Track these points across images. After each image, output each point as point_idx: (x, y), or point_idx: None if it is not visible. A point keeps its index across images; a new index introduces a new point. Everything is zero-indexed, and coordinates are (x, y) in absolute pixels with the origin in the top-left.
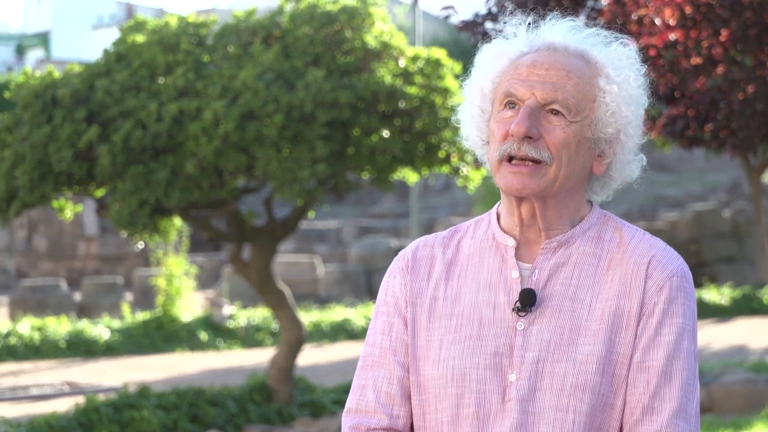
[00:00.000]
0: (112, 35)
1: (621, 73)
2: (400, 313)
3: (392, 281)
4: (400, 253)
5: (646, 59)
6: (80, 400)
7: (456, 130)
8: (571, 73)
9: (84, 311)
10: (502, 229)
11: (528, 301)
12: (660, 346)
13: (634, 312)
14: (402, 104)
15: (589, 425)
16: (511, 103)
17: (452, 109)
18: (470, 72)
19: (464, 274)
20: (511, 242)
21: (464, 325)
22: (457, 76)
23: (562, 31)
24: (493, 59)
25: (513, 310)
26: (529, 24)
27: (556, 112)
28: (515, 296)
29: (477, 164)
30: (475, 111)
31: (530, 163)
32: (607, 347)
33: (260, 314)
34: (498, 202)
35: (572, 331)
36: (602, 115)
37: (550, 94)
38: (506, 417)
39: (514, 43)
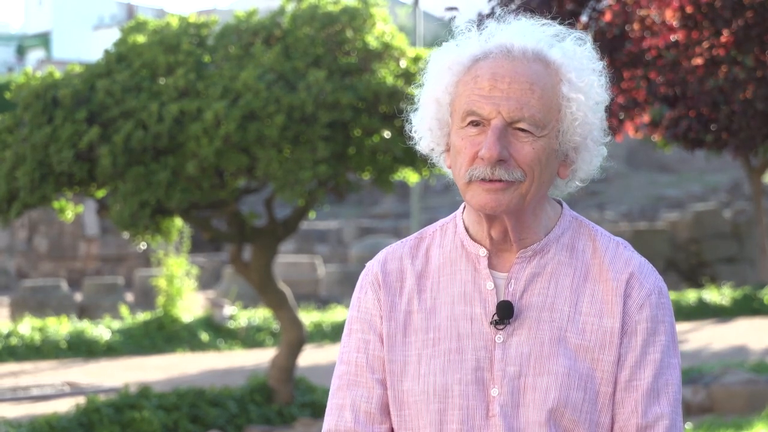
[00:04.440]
0: (112, 36)
1: (584, 77)
2: (375, 330)
3: (364, 297)
4: (367, 266)
5: (647, 60)
6: (81, 400)
7: None
8: (534, 85)
9: (85, 312)
10: (470, 236)
11: (506, 313)
12: (647, 364)
13: (617, 330)
14: (403, 105)
15: None
16: (475, 121)
17: None
18: (422, 81)
19: (437, 286)
20: (483, 252)
21: (442, 339)
22: None
23: (514, 30)
24: (446, 67)
25: (491, 323)
26: (480, 25)
27: (523, 129)
28: (492, 308)
29: None
30: (432, 124)
31: (503, 181)
32: (589, 365)
33: (261, 315)
34: (462, 206)
35: (551, 342)
36: (569, 125)
37: (516, 112)
38: None
39: (467, 47)
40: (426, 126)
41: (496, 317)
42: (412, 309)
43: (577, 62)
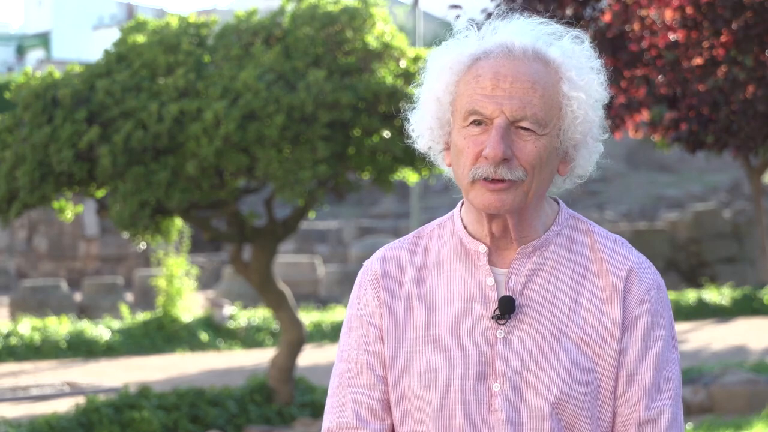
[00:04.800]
0: (112, 35)
1: (583, 76)
2: (375, 327)
3: (363, 294)
4: (365, 264)
5: (647, 60)
6: (81, 400)
7: None
8: (536, 84)
9: (84, 311)
10: (469, 234)
11: (507, 308)
12: (649, 358)
13: (617, 325)
14: (403, 104)
15: None
16: (477, 121)
17: None
18: (422, 80)
19: (436, 283)
20: (483, 249)
21: (443, 335)
22: None
23: (513, 29)
24: (447, 67)
25: (492, 318)
26: (479, 24)
27: (525, 128)
28: (492, 304)
29: None
30: (433, 123)
31: (505, 181)
32: (591, 359)
33: (261, 315)
34: (459, 204)
35: (553, 337)
36: (569, 123)
37: (519, 111)
38: (493, 427)
39: (467, 46)
40: (426, 125)
41: (497, 312)
42: (412, 305)
43: (576, 61)
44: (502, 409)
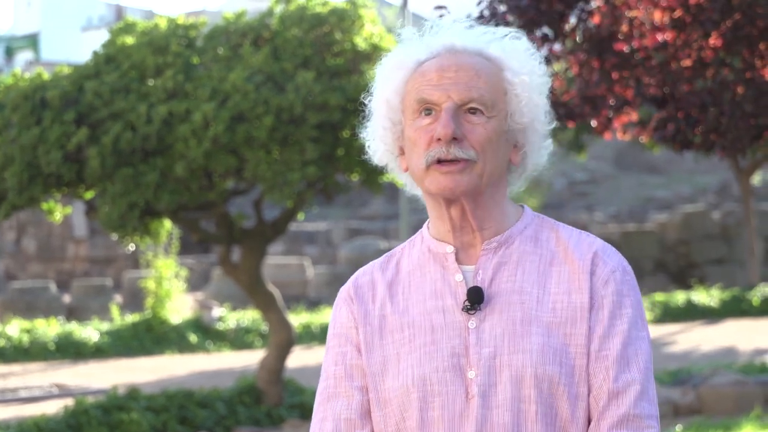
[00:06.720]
0: (101, 37)
1: (525, 64)
2: (351, 341)
3: (338, 314)
4: (341, 288)
5: (637, 61)
6: (69, 402)
7: None
8: (479, 71)
9: (73, 313)
10: (435, 239)
11: (476, 298)
12: (615, 335)
13: (586, 305)
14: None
15: (555, 415)
16: (427, 110)
17: None
18: (372, 88)
19: (408, 289)
20: (450, 249)
21: (417, 334)
22: None
23: (455, 32)
24: (395, 69)
25: (463, 309)
26: (423, 30)
27: (473, 111)
28: (462, 298)
29: None
30: (385, 124)
31: (459, 162)
32: (562, 340)
33: (249, 316)
34: (426, 221)
35: (523, 322)
36: (516, 106)
37: (465, 93)
38: (471, 414)
39: (413, 50)
40: (379, 130)
41: (467, 303)
42: (386, 312)
43: (516, 54)
44: (478, 395)
